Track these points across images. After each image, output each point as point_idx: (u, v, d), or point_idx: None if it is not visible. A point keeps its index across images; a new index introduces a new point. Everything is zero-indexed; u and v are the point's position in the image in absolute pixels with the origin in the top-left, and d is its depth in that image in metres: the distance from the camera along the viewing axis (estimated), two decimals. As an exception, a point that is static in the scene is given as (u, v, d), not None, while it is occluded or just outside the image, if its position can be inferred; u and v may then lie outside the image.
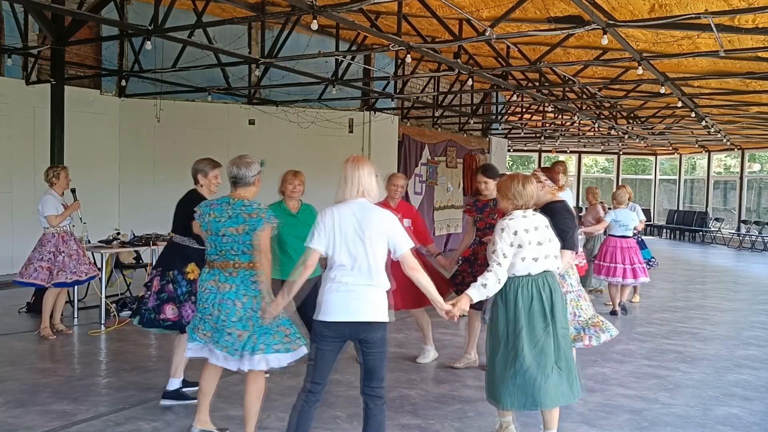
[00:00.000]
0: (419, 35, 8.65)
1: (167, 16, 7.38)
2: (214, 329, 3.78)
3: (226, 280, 3.76)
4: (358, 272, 3.33)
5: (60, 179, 6.63)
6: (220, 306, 3.74)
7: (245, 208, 3.75)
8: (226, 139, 12.01)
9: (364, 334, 3.34)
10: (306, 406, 3.41)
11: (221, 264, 3.79)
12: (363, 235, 3.32)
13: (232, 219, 3.74)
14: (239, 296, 3.73)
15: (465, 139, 17.30)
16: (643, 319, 8.18)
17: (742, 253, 18.41)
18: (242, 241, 3.72)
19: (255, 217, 3.72)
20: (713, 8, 6.89)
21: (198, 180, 4.56)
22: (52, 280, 6.49)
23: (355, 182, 3.39)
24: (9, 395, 4.78)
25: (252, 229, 3.70)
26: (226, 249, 3.76)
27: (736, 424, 4.56)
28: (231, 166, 3.81)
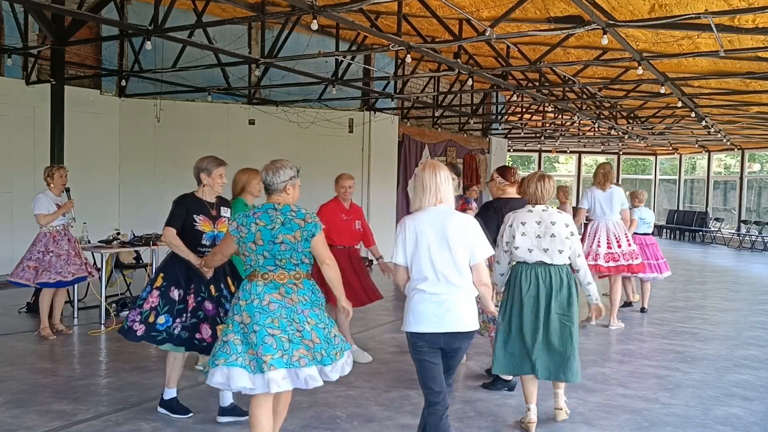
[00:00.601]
0: (419, 35, 8.65)
1: (167, 16, 7.38)
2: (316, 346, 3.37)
3: (295, 293, 3.43)
4: (445, 281, 3.31)
5: (54, 179, 6.57)
6: (309, 318, 3.41)
7: (294, 213, 3.47)
8: (226, 139, 12.00)
9: (458, 343, 3.37)
10: (435, 419, 3.38)
11: (279, 276, 3.43)
12: (446, 242, 3.30)
13: (285, 225, 3.42)
14: (315, 306, 3.50)
15: (465, 139, 17.30)
16: (643, 319, 8.18)
17: (742, 253, 18.41)
18: (301, 249, 3.44)
19: (310, 222, 3.46)
20: (713, 8, 6.89)
21: (201, 180, 4.30)
22: (36, 279, 6.44)
23: (433, 190, 3.38)
24: (9, 395, 4.78)
25: (310, 235, 3.44)
26: (286, 258, 3.41)
27: (736, 424, 4.55)
28: (263, 171, 3.58)
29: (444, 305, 3.30)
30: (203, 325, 4.19)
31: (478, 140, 18.21)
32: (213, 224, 4.30)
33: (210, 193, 4.35)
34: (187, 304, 4.20)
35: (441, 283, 3.30)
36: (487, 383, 5.19)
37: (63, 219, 6.62)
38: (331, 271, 3.54)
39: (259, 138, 12.14)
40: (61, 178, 6.61)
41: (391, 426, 4.35)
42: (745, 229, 20.12)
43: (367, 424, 4.36)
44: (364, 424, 4.37)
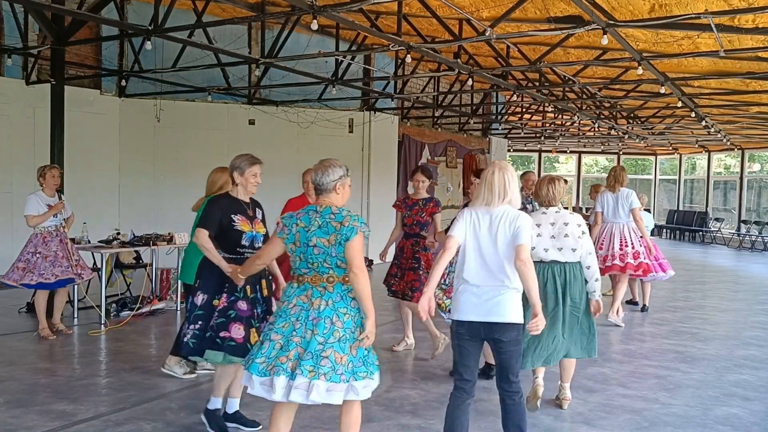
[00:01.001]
0: (419, 35, 8.65)
1: (167, 16, 7.38)
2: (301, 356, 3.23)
3: (320, 296, 3.32)
4: (488, 275, 3.49)
5: (46, 179, 6.51)
6: (315, 326, 3.26)
7: (334, 216, 3.35)
8: (226, 139, 12.00)
9: (497, 334, 3.48)
10: (458, 401, 3.57)
11: (312, 278, 3.35)
12: (495, 239, 3.49)
13: (321, 228, 3.33)
14: (339, 314, 3.29)
15: (465, 139, 17.30)
16: (643, 319, 8.18)
17: (742, 253, 18.41)
18: (335, 253, 3.30)
19: (346, 226, 3.31)
20: (713, 8, 6.88)
21: (234, 179, 4.14)
22: (21, 280, 6.39)
23: (501, 192, 3.54)
24: (9, 395, 4.78)
25: (344, 239, 3.29)
26: (318, 261, 3.33)
27: (736, 424, 4.56)
28: (312, 172, 3.49)
29: (483, 296, 3.47)
30: (233, 324, 3.94)
31: (478, 140, 18.21)
32: (251, 224, 4.14)
33: (244, 193, 4.17)
34: (209, 310, 3.97)
35: (484, 276, 3.49)
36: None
37: (54, 220, 6.55)
38: (357, 282, 3.28)
39: (259, 138, 12.14)
40: (54, 178, 6.53)
41: (391, 426, 4.35)
42: (745, 229, 20.13)
43: (367, 424, 4.35)
44: (364, 424, 4.35)
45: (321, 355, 3.20)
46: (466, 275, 3.54)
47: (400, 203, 6.18)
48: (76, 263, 6.69)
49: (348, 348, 3.25)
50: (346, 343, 3.25)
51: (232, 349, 3.89)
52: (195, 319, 4.00)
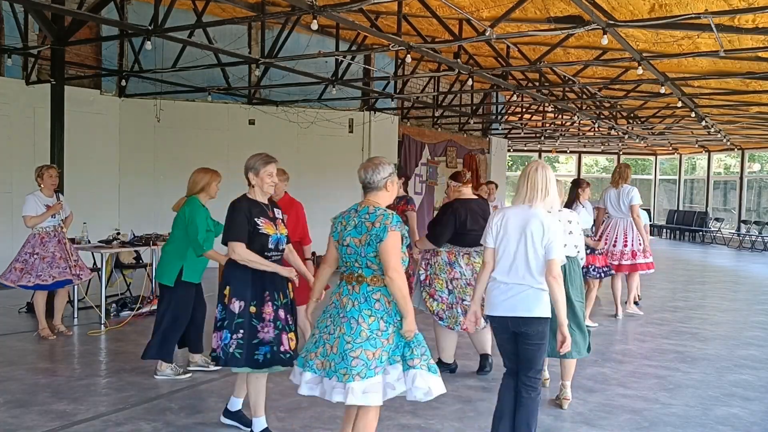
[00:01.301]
0: (419, 35, 8.66)
1: (167, 16, 7.38)
2: (330, 354, 3.28)
3: (348, 295, 3.33)
4: (515, 273, 3.64)
5: (44, 179, 6.47)
6: (342, 325, 3.27)
7: (369, 216, 3.31)
8: (226, 139, 12.02)
9: (523, 327, 3.64)
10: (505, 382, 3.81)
11: (347, 277, 3.39)
12: (524, 239, 3.62)
13: (356, 228, 3.31)
14: (363, 316, 3.26)
15: (465, 139, 17.30)
16: (643, 319, 8.17)
17: (742, 253, 18.41)
18: (364, 254, 3.27)
19: (378, 226, 3.24)
20: (713, 8, 6.89)
21: (249, 180, 3.98)
22: (18, 281, 6.36)
23: (543, 189, 3.68)
24: (9, 395, 4.77)
25: (376, 240, 3.23)
26: (351, 261, 3.34)
27: (736, 424, 4.55)
28: (360, 170, 3.42)
29: (510, 293, 3.65)
30: (284, 335, 3.85)
31: (478, 140, 18.21)
32: (275, 226, 3.97)
33: (261, 194, 4.01)
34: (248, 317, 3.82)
35: (512, 274, 3.65)
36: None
37: (53, 220, 6.52)
38: (393, 285, 3.21)
39: (259, 138, 12.14)
40: (51, 178, 6.49)
41: (391, 426, 4.35)
42: (745, 229, 20.13)
43: (367, 424, 4.35)
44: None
45: (350, 355, 3.19)
46: (495, 273, 3.71)
47: None
48: (75, 264, 6.65)
49: (380, 342, 3.23)
50: (377, 340, 3.23)
51: (286, 361, 3.83)
52: (236, 328, 3.80)
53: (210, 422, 4.34)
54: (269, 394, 4.87)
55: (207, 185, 5.19)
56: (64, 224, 6.70)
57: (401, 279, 3.22)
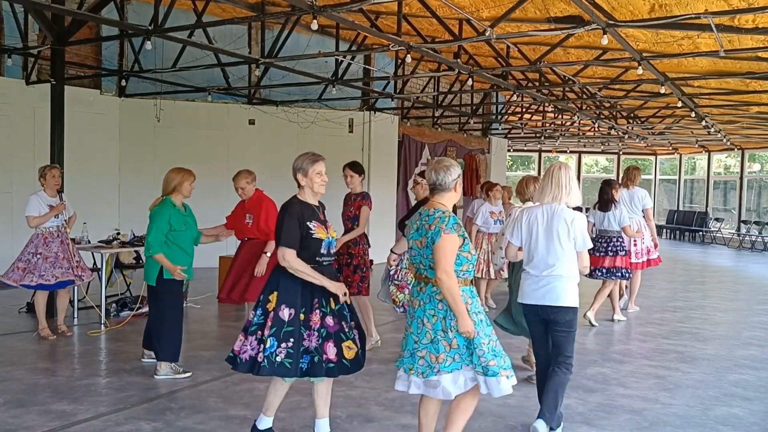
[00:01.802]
0: (419, 35, 8.65)
1: (167, 16, 7.38)
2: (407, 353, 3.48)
3: (417, 295, 3.50)
4: (545, 266, 4.01)
5: (47, 179, 6.48)
6: (412, 324, 3.48)
7: (428, 218, 3.42)
8: (226, 139, 12.01)
9: (553, 315, 4.02)
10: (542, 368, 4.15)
11: (417, 276, 3.54)
12: (551, 234, 4.00)
13: (418, 231, 3.46)
14: (428, 316, 3.42)
15: (465, 139, 17.30)
16: (643, 319, 8.18)
17: (742, 253, 18.41)
18: (425, 255, 3.41)
19: (433, 229, 3.36)
20: (713, 8, 6.88)
21: (298, 181, 3.82)
22: (21, 281, 6.36)
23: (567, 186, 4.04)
24: (9, 395, 4.78)
25: (431, 242, 3.36)
26: (416, 263, 3.50)
27: (736, 424, 4.56)
28: (430, 172, 3.53)
29: (540, 283, 4.02)
30: (327, 344, 3.71)
31: (478, 140, 18.21)
32: (326, 230, 3.82)
33: (312, 195, 3.84)
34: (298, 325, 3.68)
35: (542, 267, 4.01)
36: None
37: (56, 221, 6.51)
38: (442, 286, 3.32)
39: (259, 138, 12.15)
40: (54, 178, 6.51)
41: (391, 426, 4.35)
42: (745, 229, 20.12)
43: (367, 424, 4.36)
44: (364, 424, 4.37)
45: (417, 354, 3.43)
46: (527, 266, 4.11)
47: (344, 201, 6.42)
48: (77, 264, 6.66)
49: (443, 347, 3.38)
50: (439, 344, 3.38)
51: (330, 370, 3.71)
52: (286, 337, 3.64)
53: (210, 422, 4.34)
54: (269, 394, 4.87)
55: (179, 185, 5.25)
56: (67, 224, 6.70)
57: (450, 280, 3.32)
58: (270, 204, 5.92)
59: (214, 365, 5.64)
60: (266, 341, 3.63)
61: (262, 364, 3.62)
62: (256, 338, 3.69)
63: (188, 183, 5.29)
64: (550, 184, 4.05)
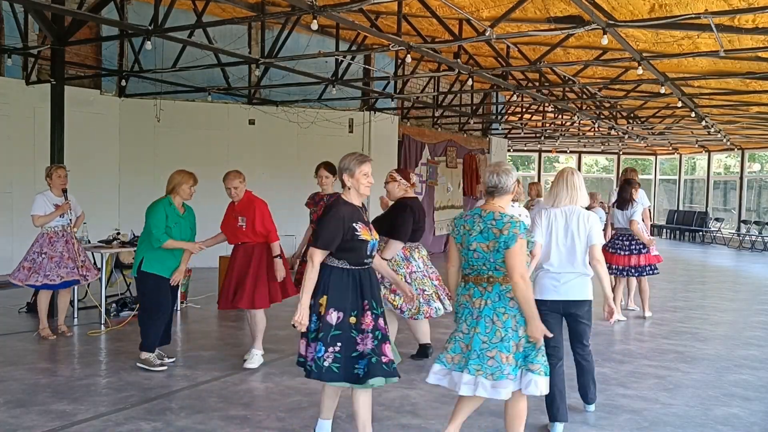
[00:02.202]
0: (419, 35, 8.65)
1: (167, 16, 7.38)
2: (468, 351, 3.50)
3: (480, 296, 3.54)
4: (563, 263, 4.25)
5: (53, 179, 6.50)
6: (477, 324, 3.50)
7: (495, 222, 3.49)
8: (226, 139, 12.01)
9: (575, 309, 4.30)
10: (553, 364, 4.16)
11: (475, 278, 3.59)
12: (569, 233, 4.24)
13: (482, 233, 3.50)
14: (498, 314, 3.48)
15: (465, 139, 17.30)
16: (643, 319, 8.18)
17: (742, 253, 18.41)
18: (493, 258, 3.48)
19: (506, 234, 3.43)
20: (713, 8, 6.88)
21: (344, 182, 3.73)
22: (26, 281, 6.37)
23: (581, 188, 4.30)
24: (9, 395, 4.78)
25: (504, 246, 3.43)
26: (478, 264, 3.54)
27: (736, 424, 4.56)
28: (490, 175, 3.60)
29: (562, 280, 4.25)
30: (385, 345, 3.64)
31: (478, 140, 18.21)
32: (369, 231, 3.74)
33: (357, 197, 3.75)
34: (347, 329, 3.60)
35: (561, 265, 4.25)
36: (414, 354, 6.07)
37: (61, 220, 6.52)
38: (518, 290, 3.43)
39: (259, 138, 12.15)
40: (60, 178, 6.53)
41: (391, 426, 4.35)
42: (745, 229, 20.12)
43: (367, 424, 4.36)
44: (364, 424, 4.36)
45: (486, 354, 3.45)
46: (545, 264, 4.28)
47: (310, 200, 6.36)
48: (82, 264, 6.67)
49: (512, 347, 3.48)
50: (509, 342, 3.47)
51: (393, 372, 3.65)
52: (333, 341, 3.56)
53: (210, 422, 4.34)
54: (268, 394, 4.88)
55: (177, 186, 5.42)
56: (75, 224, 6.71)
57: (526, 284, 3.46)
58: (263, 205, 5.72)
59: (214, 365, 5.65)
60: (315, 345, 3.58)
61: (311, 369, 3.57)
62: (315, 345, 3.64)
63: (187, 186, 5.41)
64: (566, 187, 4.30)
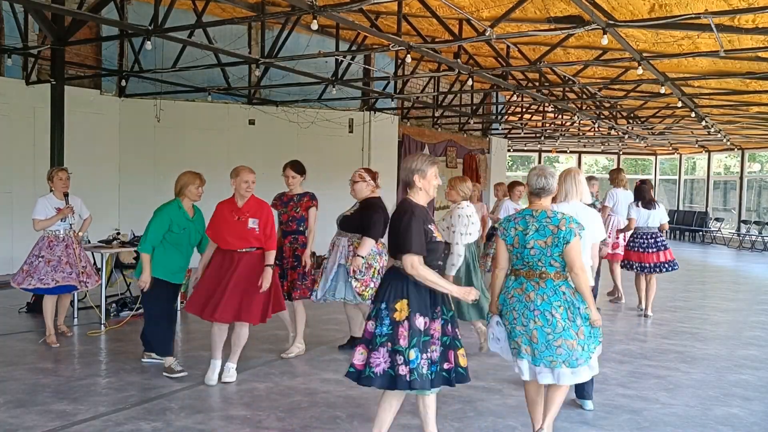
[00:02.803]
0: (419, 35, 8.65)
1: (167, 16, 7.38)
2: (536, 344, 3.71)
3: (533, 290, 3.72)
4: None
5: (54, 182, 6.38)
6: (537, 318, 3.68)
7: (549, 219, 3.71)
8: (226, 139, 12.01)
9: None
10: None
11: (527, 273, 3.76)
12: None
13: (538, 231, 3.70)
14: (554, 308, 3.68)
15: (465, 139, 17.30)
16: (643, 318, 8.18)
17: (742, 253, 18.41)
18: (550, 254, 3.68)
19: (563, 229, 3.65)
20: (713, 8, 6.89)
21: (414, 183, 3.62)
22: (21, 284, 6.26)
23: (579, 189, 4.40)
24: (9, 395, 4.78)
25: (563, 242, 3.65)
26: (533, 260, 3.72)
27: (736, 424, 4.56)
28: (537, 178, 3.80)
29: None
30: (450, 352, 3.61)
31: (478, 140, 18.21)
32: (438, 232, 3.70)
33: (425, 198, 3.67)
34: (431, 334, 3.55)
35: None
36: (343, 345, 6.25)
37: (62, 224, 6.39)
38: (580, 281, 3.68)
39: (259, 138, 12.15)
40: (61, 180, 6.38)
41: (391, 426, 4.34)
42: (745, 229, 20.12)
43: (367, 424, 4.35)
44: (364, 424, 4.37)
45: (554, 345, 3.68)
46: None
47: (278, 201, 6.08)
48: (82, 270, 6.47)
49: (574, 334, 3.70)
50: (569, 331, 3.69)
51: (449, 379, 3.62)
52: (426, 347, 3.50)
53: (210, 422, 4.34)
54: (268, 394, 4.88)
55: (184, 187, 5.33)
56: (82, 227, 6.63)
57: (585, 275, 3.72)
58: (270, 208, 5.35)
59: (214, 365, 5.64)
60: (408, 353, 3.44)
61: (412, 378, 3.44)
62: (387, 350, 3.48)
63: (193, 186, 5.32)
64: (574, 186, 4.42)
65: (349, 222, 5.91)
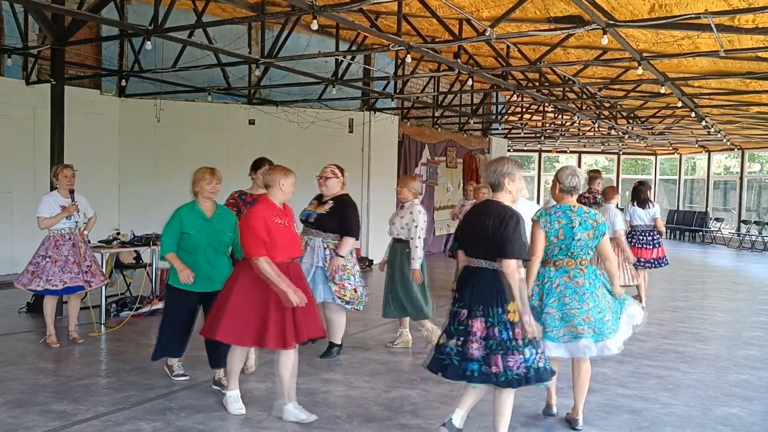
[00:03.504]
0: (419, 35, 8.65)
1: (167, 16, 7.38)
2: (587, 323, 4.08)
3: (580, 276, 4.15)
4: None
5: (59, 179, 6.27)
6: (587, 300, 4.11)
7: (588, 215, 4.17)
8: (226, 139, 12.01)
9: None
10: None
11: (567, 263, 4.17)
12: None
13: (582, 225, 4.13)
14: (598, 287, 4.17)
15: (465, 139, 17.30)
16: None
17: (742, 253, 18.41)
18: (591, 244, 4.17)
19: (600, 222, 4.18)
20: (713, 8, 6.88)
21: (504, 185, 3.78)
22: (29, 285, 6.15)
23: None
24: (9, 395, 4.78)
25: (600, 234, 4.17)
26: (577, 251, 4.15)
27: (736, 424, 4.56)
28: (571, 177, 4.22)
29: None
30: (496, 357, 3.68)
31: (478, 140, 18.21)
32: None
33: (510, 200, 3.84)
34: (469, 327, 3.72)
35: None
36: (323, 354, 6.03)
37: (68, 222, 6.27)
38: (611, 264, 4.26)
39: (259, 138, 12.14)
40: (66, 177, 6.27)
41: (391, 426, 4.35)
42: (745, 229, 20.12)
43: (367, 424, 4.36)
44: (364, 424, 4.37)
45: (604, 320, 4.12)
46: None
47: (236, 200, 5.71)
48: (87, 269, 6.36)
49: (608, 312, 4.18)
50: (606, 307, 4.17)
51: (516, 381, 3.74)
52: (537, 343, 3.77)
53: (209, 422, 4.34)
54: (268, 394, 4.88)
55: (195, 183, 4.93)
56: (87, 226, 6.50)
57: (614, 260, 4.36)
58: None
59: (214, 365, 5.63)
60: (524, 351, 3.68)
61: (529, 375, 3.69)
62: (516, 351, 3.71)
63: (204, 182, 4.89)
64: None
65: (327, 221, 5.67)
